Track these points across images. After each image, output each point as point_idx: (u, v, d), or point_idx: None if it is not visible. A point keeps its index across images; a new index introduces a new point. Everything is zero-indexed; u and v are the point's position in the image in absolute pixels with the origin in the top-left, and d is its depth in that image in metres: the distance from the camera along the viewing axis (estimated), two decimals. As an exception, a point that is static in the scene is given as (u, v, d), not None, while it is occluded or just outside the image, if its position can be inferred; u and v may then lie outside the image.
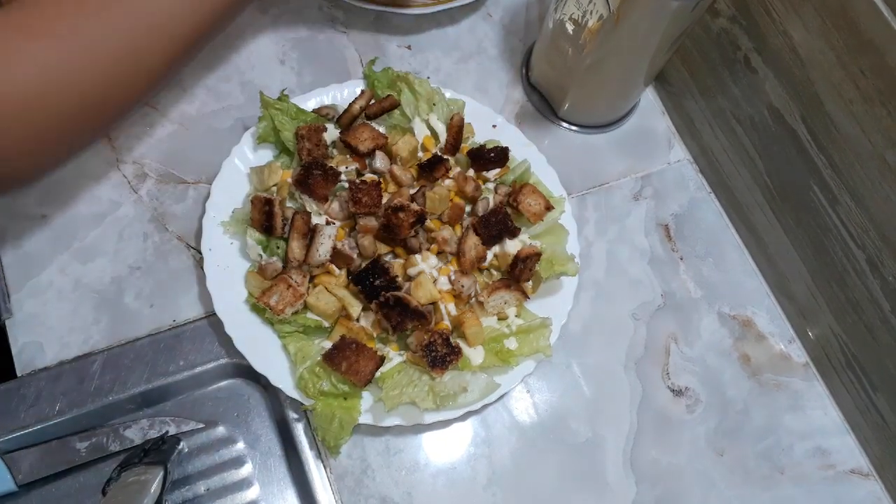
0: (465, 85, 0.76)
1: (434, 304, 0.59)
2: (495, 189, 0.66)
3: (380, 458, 0.60)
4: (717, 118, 0.71)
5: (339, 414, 0.56)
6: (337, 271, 0.60)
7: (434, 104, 0.68)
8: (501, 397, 0.61)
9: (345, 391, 0.57)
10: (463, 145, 0.68)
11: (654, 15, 0.59)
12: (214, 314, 0.59)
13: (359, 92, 0.68)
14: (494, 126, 0.70)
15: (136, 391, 0.60)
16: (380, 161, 0.64)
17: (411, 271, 0.60)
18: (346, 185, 0.61)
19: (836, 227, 0.61)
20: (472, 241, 0.61)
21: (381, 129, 0.66)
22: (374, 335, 0.59)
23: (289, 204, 0.62)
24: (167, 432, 0.60)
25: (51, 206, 0.65)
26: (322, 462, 0.60)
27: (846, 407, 0.66)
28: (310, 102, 0.68)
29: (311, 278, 0.60)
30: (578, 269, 0.64)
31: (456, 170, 0.66)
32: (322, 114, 0.67)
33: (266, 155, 0.66)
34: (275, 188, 0.63)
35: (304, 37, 0.77)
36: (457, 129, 0.66)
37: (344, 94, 0.70)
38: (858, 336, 0.63)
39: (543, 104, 0.76)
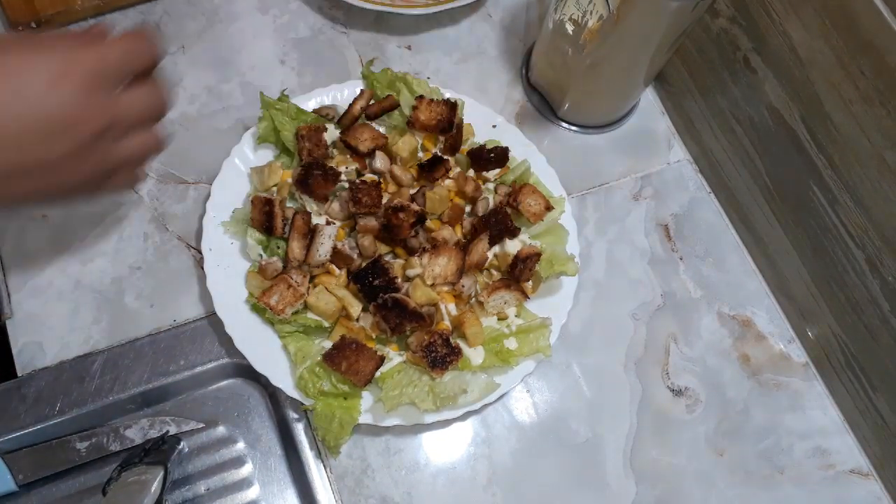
0: (464, 85, 0.76)
1: (434, 304, 0.59)
2: (495, 189, 0.66)
3: (380, 457, 0.60)
4: (716, 118, 0.71)
5: (339, 414, 0.56)
6: (337, 271, 0.60)
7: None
8: (501, 397, 0.61)
9: (345, 391, 0.57)
10: (462, 147, 0.68)
11: (653, 15, 0.59)
12: (215, 314, 0.59)
13: (359, 92, 0.68)
14: (494, 126, 0.70)
15: (137, 391, 0.60)
16: (380, 161, 0.64)
17: (410, 272, 0.60)
18: (347, 185, 0.62)
19: (836, 227, 0.61)
20: (482, 245, 0.61)
21: (381, 130, 0.66)
22: (374, 336, 0.59)
23: (289, 204, 0.62)
24: (167, 432, 0.60)
25: (51, 206, 0.65)
26: (322, 462, 0.60)
27: (846, 407, 0.66)
28: (310, 103, 0.69)
29: (312, 278, 0.60)
30: (578, 268, 0.64)
31: (456, 170, 0.66)
32: (322, 114, 0.67)
33: (266, 155, 0.66)
34: (275, 188, 0.63)
35: (304, 37, 0.77)
36: (457, 130, 0.66)
37: (344, 94, 0.70)
38: (858, 336, 0.63)
39: (543, 104, 0.76)
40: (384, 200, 0.61)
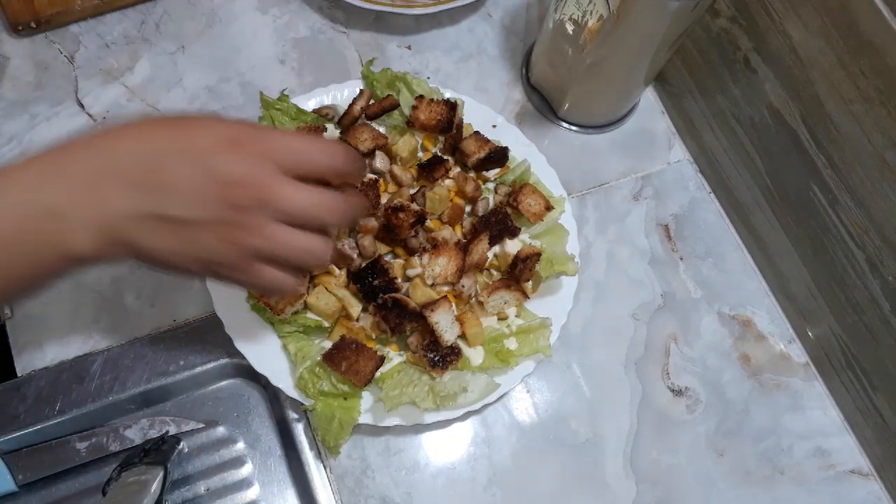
0: (465, 85, 0.76)
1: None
2: (495, 189, 0.66)
3: (380, 458, 0.60)
4: (716, 118, 0.71)
5: (338, 414, 0.56)
6: (337, 271, 0.60)
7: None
8: (501, 397, 0.61)
9: (345, 391, 0.57)
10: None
11: (654, 15, 0.59)
12: (215, 314, 0.59)
13: (359, 92, 0.68)
14: (494, 126, 0.70)
15: (136, 391, 0.60)
16: (380, 161, 0.64)
17: (410, 272, 0.60)
18: (346, 185, 0.62)
19: (836, 227, 0.61)
20: (483, 245, 0.61)
21: (381, 130, 0.66)
22: (374, 336, 0.59)
23: (289, 204, 0.62)
24: (167, 432, 0.60)
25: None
26: (322, 462, 0.60)
27: (846, 407, 0.66)
28: (310, 103, 0.68)
29: (312, 278, 0.60)
30: (578, 268, 0.64)
31: (456, 170, 0.66)
32: (322, 114, 0.67)
33: (266, 155, 0.66)
34: (275, 188, 0.63)
35: (304, 37, 0.77)
36: (457, 129, 0.66)
37: (344, 94, 0.70)
38: (858, 336, 0.63)
39: (543, 104, 0.76)
40: (384, 200, 0.61)
